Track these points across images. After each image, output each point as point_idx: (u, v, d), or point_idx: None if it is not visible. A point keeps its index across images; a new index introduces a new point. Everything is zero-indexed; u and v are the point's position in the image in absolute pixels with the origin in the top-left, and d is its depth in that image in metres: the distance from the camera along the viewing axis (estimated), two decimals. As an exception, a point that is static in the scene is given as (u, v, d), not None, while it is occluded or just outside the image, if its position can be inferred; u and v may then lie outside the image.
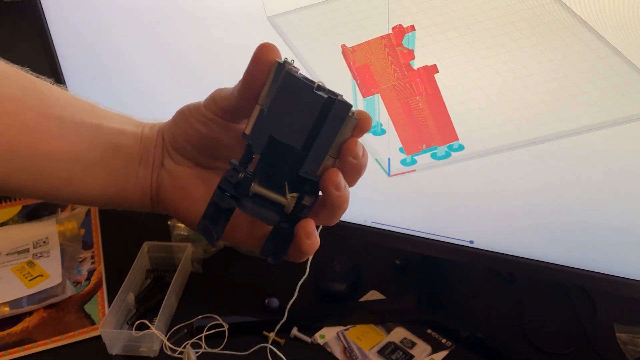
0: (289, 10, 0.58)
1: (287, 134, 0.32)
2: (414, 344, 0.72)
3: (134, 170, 0.39)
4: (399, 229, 0.68)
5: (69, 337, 0.75)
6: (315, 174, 0.33)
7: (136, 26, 0.67)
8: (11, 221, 0.95)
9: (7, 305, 0.78)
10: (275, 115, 0.32)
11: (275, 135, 0.32)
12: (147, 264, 0.84)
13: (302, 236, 0.34)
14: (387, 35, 0.55)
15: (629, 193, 0.54)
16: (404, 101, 0.58)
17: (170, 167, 0.39)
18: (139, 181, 0.39)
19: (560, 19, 0.48)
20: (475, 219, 0.63)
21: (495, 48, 0.52)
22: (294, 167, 0.33)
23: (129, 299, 0.76)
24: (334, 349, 0.72)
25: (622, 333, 0.71)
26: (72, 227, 0.92)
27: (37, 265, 0.84)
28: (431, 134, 0.59)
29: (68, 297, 0.80)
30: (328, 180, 0.32)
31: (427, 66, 0.55)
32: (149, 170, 0.39)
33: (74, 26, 0.71)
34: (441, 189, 0.62)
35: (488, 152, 0.58)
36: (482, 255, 0.64)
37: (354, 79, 0.59)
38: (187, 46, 0.66)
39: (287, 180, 0.34)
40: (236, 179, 0.34)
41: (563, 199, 0.57)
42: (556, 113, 0.53)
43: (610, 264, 0.59)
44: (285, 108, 0.32)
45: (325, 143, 0.32)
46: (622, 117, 0.51)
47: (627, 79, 0.49)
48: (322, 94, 0.32)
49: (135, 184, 0.39)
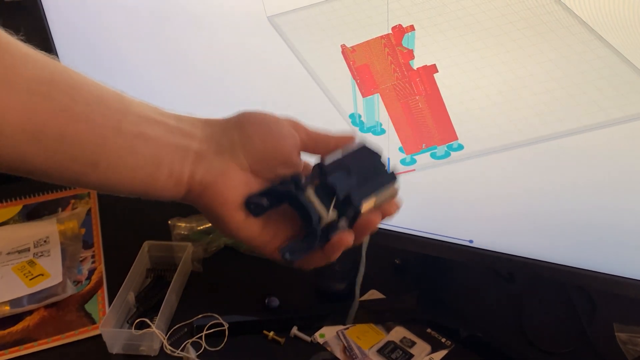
0: (289, 10, 0.58)
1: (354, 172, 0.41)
2: (413, 343, 0.72)
3: (168, 159, 0.39)
4: (399, 228, 0.68)
5: (70, 336, 0.75)
6: (358, 202, 0.39)
7: (137, 26, 0.67)
8: (12, 220, 0.95)
9: (8, 305, 0.78)
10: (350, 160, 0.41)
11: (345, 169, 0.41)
12: (148, 263, 0.84)
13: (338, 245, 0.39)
14: (386, 35, 0.55)
15: (628, 192, 0.54)
16: (404, 101, 0.58)
17: (223, 167, 0.40)
18: (174, 171, 0.39)
19: (559, 19, 0.49)
20: (474, 219, 0.63)
21: (494, 48, 0.52)
22: (345, 191, 0.39)
23: (129, 298, 0.76)
24: (334, 348, 0.73)
25: (622, 333, 0.71)
26: (73, 226, 0.92)
27: (37, 264, 0.84)
28: (431, 133, 0.59)
29: (68, 296, 0.80)
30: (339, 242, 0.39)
31: (426, 66, 0.55)
32: (189, 162, 0.39)
33: (75, 26, 0.71)
34: (441, 189, 0.62)
35: (487, 152, 0.58)
36: (482, 255, 0.65)
37: (354, 78, 0.59)
38: (187, 46, 0.66)
39: (334, 200, 0.40)
40: (296, 179, 0.40)
41: (562, 198, 0.57)
42: (555, 113, 0.53)
43: (610, 263, 0.59)
44: (358, 160, 0.42)
45: (375, 187, 0.41)
46: (621, 117, 0.51)
47: (627, 79, 0.49)
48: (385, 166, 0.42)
49: (169, 174, 0.39)
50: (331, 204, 0.40)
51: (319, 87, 0.61)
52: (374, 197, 0.40)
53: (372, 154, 0.42)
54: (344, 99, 0.61)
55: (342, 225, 0.40)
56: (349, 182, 0.40)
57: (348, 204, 0.40)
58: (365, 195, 0.40)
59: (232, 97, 0.67)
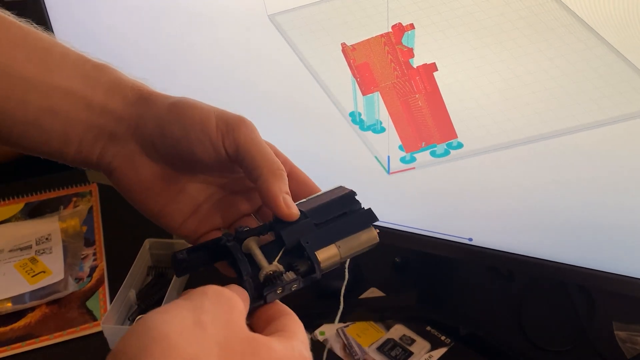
0: (290, 8, 0.58)
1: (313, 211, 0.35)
2: (413, 341, 0.73)
3: (77, 136, 0.37)
4: (399, 226, 0.68)
5: (71, 333, 0.76)
6: (314, 250, 0.33)
7: (138, 24, 0.68)
8: (14, 218, 0.95)
9: (10, 301, 0.79)
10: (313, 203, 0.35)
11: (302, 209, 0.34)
12: (149, 261, 0.85)
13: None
14: (386, 34, 0.56)
15: (627, 191, 0.54)
16: (404, 99, 0.58)
17: (133, 155, 0.38)
18: (83, 149, 0.37)
19: (558, 18, 0.49)
20: (474, 217, 0.63)
21: (494, 46, 0.52)
22: (294, 239, 0.33)
23: (130, 295, 0.77)
24: (334, 345, 0.73)
25: (621, 331, 0.72)
26: (75, 224, 0.93)
27: (39, 261, 0.85)
28: (430, 131, 0.59)
29: (70, 293, 0.81)
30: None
31: (426, 64, 0.56)
32: (101, 143, 0.38)
33: (76, 25, 0.72)
34: (440, 187, 0.63)
35: (487, 150, 0.58)
36: (481, 253, 0.65)
37: (354, 77, 0.59)
38: (188, 45, 0.67)
39: (282, 251, 0.34)
40: (237, 231, 0.35)
41: (562, 196, 0.57)
42: (554, 111, 0.53)
43: (609, 261, 0.59)
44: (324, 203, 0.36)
45: (340, 233, 0.34)
46: (620, 116, 0.51)
47: (625, 78, 0.49)
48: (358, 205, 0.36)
49: (78, 151, 0.37)
50: (278, 255, 0.34)
51: (319, 85, 0.62)
52: (335, 246, 0.34)
53: (345, 196, 0.36)
54: (344, 97, 0.61)
55: (289, 278, 0.33)
56: (303, 229, 0.34)
57: (298, 254, 0.34)
58: (324, 243, 0.34)
59: (232, 96, 0.67)
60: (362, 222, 0.35)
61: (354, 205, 0.36)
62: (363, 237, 0.35)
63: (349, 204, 0.36)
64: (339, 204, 0.35)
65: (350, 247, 0.35)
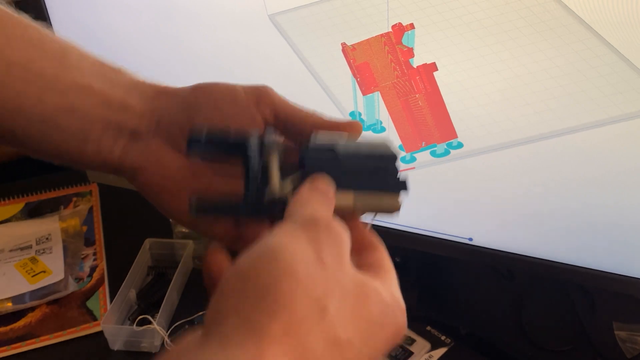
0: (290, 8, 0.58)
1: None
2: (413, 341, 0.73)
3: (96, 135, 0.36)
4: (399, 226, 0.68)
5: (71, 333, 0.76)
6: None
7: (139, 24, 0.68)
8: (14, 218, 0.95)
9: (10, 301, 0.79)
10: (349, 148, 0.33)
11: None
12: (149, 261, 0.85)
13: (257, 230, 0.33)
14: (386, 34, 0.56)
15: (627, 190, 0.54)
16: (404, 99, 0.58)
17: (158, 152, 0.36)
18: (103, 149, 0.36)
19: (558, 18, 0.49)
20: (474, 217, 0.63)
21: (494, 46, 0.52)
22: (314, 170, 0.32)
23: (130, 295, 0.77)
24: (334, 345, 0.73)
25: (621, 331, 0.72)
26: (75, 224, 0.93)
27: (39, 261, 0.85)
28: (430, 131, 0.59)
29: (70, 293, 0.81)
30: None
31: (426, 64, 0.56)
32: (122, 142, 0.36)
33: (77, 25, 0.72)
34: (440, 187, 0.63)
35: (487, 150, 0.58)
36: (482, 253, 0.65)
37: (354, 76, 0.59)
38: (189, 45, 0.67)
39: (297, 174, 0.32)
40: (264, 136, 0.34)
41: (562, 196, 0.57)
42: (554, 111, 0.53)
43: (610, 261, 0.59)
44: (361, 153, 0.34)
45: (363, 185, 0.33)
46: (620, 115, 0.51)
47: (625, 77, 0.49)
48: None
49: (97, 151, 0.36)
50: (289, 177, 0.32)
51: (319, 85, 0.62)
52: (352, 194, 0.33)
53: (385, 155, 0.34)
54: (344, 97, 0.61)
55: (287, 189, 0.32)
56: (329, 166, 0.32)
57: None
58: (343, 187, 0.32)
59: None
60: (391, 186, 0.33)
61: (391, 167, 0.34)
62: (385, 200, 0.33)
63: (386, 164, 0.34)
64: (376, 159, 0.33)
65: (367, 203, 0.33)
